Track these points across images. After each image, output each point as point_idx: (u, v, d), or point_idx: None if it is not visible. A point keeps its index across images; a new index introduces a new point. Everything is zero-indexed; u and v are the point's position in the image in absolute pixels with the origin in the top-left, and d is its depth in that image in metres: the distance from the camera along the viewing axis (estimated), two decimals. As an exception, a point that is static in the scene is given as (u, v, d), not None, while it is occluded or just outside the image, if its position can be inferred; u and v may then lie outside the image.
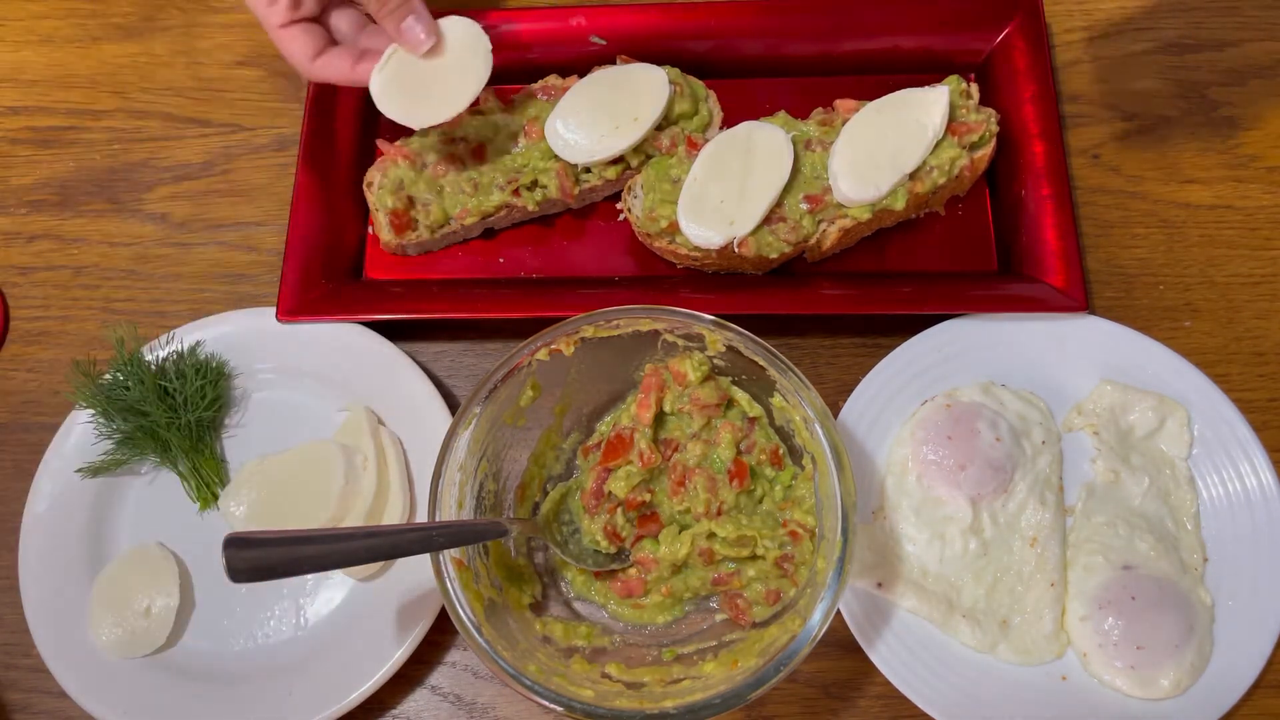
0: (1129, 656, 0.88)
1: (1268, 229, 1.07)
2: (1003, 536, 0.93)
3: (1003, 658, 0.90)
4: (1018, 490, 0.93)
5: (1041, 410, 0.97)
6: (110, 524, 1.01)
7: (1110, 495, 0.95)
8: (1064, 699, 0.89)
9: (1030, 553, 0.92)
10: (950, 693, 0.88)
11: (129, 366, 1.01)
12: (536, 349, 0.86)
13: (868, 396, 0.97)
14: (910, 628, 0.90)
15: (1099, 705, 0.88)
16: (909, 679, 0.88)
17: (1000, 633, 0.90)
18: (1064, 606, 0.91)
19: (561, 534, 0.92)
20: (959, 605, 0.91)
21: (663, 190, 1.02)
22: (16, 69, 1.25)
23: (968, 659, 0.90)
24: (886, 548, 0.93)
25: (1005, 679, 0.89)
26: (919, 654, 0.89)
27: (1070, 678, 0.90)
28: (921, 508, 0.94)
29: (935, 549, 0.93)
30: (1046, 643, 0.90)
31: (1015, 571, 0.92)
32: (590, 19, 1.12)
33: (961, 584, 0.92)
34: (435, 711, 0.95)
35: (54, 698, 0.97)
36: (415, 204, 1.07)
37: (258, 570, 0.71)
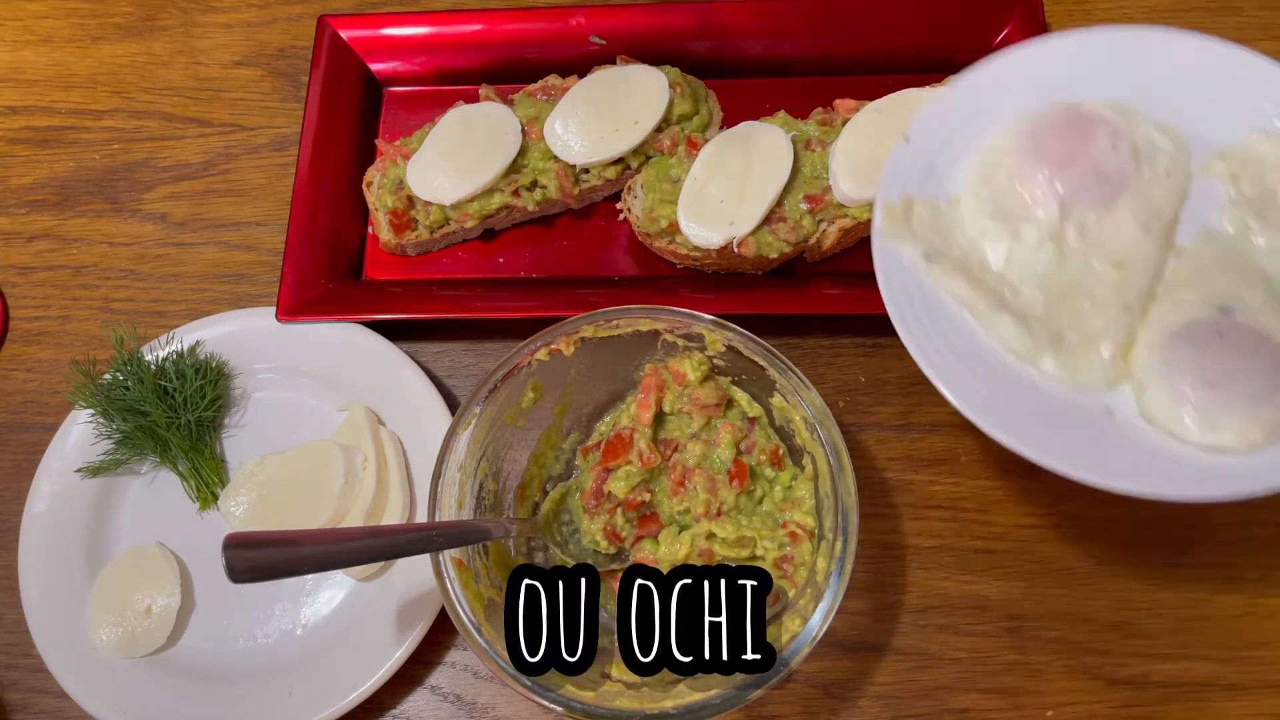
0: (1196, 392, 0.74)
1: (1268, 229, 1.07)
2: (1085, 253, 0.81)
3: (1044, 371, 0.78)
4: (1120, 209, 0.81)
5: (1176, 143, 0.84)
6: (110, 524, 1.01)
7: (1232, 245, 0.81)
8: (1102, 433, 0.76)
9: (1112, 274, 0.80)
10: (976, 385, 0.77)
11: (128, 366, 1.01)
12: (536, 349, 0.86)
13: (980, 81, 0.86)
14: (948, 314, 0.79)
15: (1140, 445, 0.75)
16: (933, 358, 0.77)
17: (1049, 344, 0.78)
18: (1133, 338, 0.79)
19: (561, 534, 0.92)
20: (1010, 304, 0.79)
21: (663, 190, 1.02)
22: (16, 69, 1.26)
23: (1004, 364, 0.78)
24: (950, 231, 0.83)
25: (1040, 394, 0.77)
26: (953, 342, 0.78)
27: (1117, 414, 0.76)
28: (1003, 201, 0.83)
29: (1004, 246, 0.82)
30: (1100, 368, 0.78)
31: (1088, 290, 0.80)
32: (590, 19, 1.12)
33: (1021, 286, 0.80)
34: (435, 711, 0.95)
35: (54, 698, 0.97)
36: (415, 204, 1.07)
37: (258, 570, 0.71)
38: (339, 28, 1.15)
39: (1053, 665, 0.93)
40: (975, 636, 0.94)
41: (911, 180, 0.84)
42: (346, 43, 1.15)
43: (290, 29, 1.25)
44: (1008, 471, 0.99)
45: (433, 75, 1.17)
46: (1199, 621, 0.93)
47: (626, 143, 1.04)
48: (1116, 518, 0.97)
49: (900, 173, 0.84)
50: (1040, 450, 0.74)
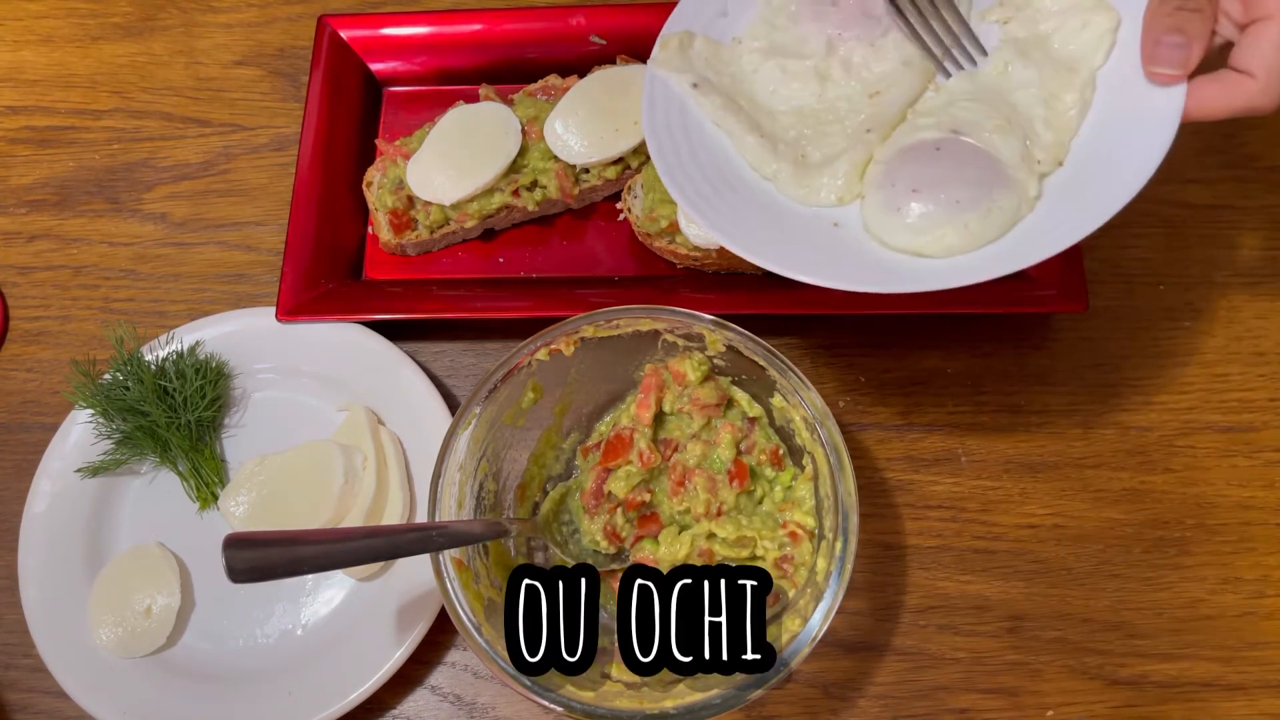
0: (902, 198, 0.79)
1: (1268, 229, 1.07)
2: (846, 83, 0.86)
3: (783, 190, 0.84)
4: (886, 48, 0.86)
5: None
6: (110, 524, 1.01)
7: (988, 81, 0.85)
8: (830, 244, 0.82)
9: (865, 104, 0.85)
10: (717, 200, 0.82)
11: (128, 366, 1.01)
12: (536, 349, 0.86)
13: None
14: (705, 138, 0.85)
15: (861, 254, 0.81)
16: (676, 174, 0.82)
17: (791, 165, 0.84)
18: (870, 157, 0.83)
19: (561, 534, 0.92)
20: (765, 129, 0.85)
21: (662, 190, 1.02)
22: (16, 69, 1.26)
23: (749, 182, 0.84)
24: (724, 68, 0.89)
25: (779, 209, 0.83)
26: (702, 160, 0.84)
27: (841, 225, 0.82)
28: (779, 39, 0.88)
29: (771, 80, 0.87)
30: (830, 184, 0.83)
31: (841, 117, 0.86)
32: (590, 19, 1.12)
33: (780, 117, 0.86)
34: (435, 711, 0.95)
35: (54, 698, 0.97)
36: (415, 204, 1.07)
37: (258, 570, 0.71)
38: (339, 28, 1.15)
39: (1053, 665, 0.93)
40: (975, 636, 0.94)
41: (701, 20, 0.90)
42: (346, 43, 1.15)
43: (290, 29, 1.25)
44: (1008, 471, 1.00)
45: (433, 75, 1.17)
46: (1199, 621, 0.93)
47: (626, 143, 1.04)
48: (1116, 518, 0.97)
49: (691, 12, 0.91)
50: (769, 258, 0.79)
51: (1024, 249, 0.77)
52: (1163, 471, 0.99)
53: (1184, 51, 0.73)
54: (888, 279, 0.78)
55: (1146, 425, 1.00)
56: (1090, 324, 1.04)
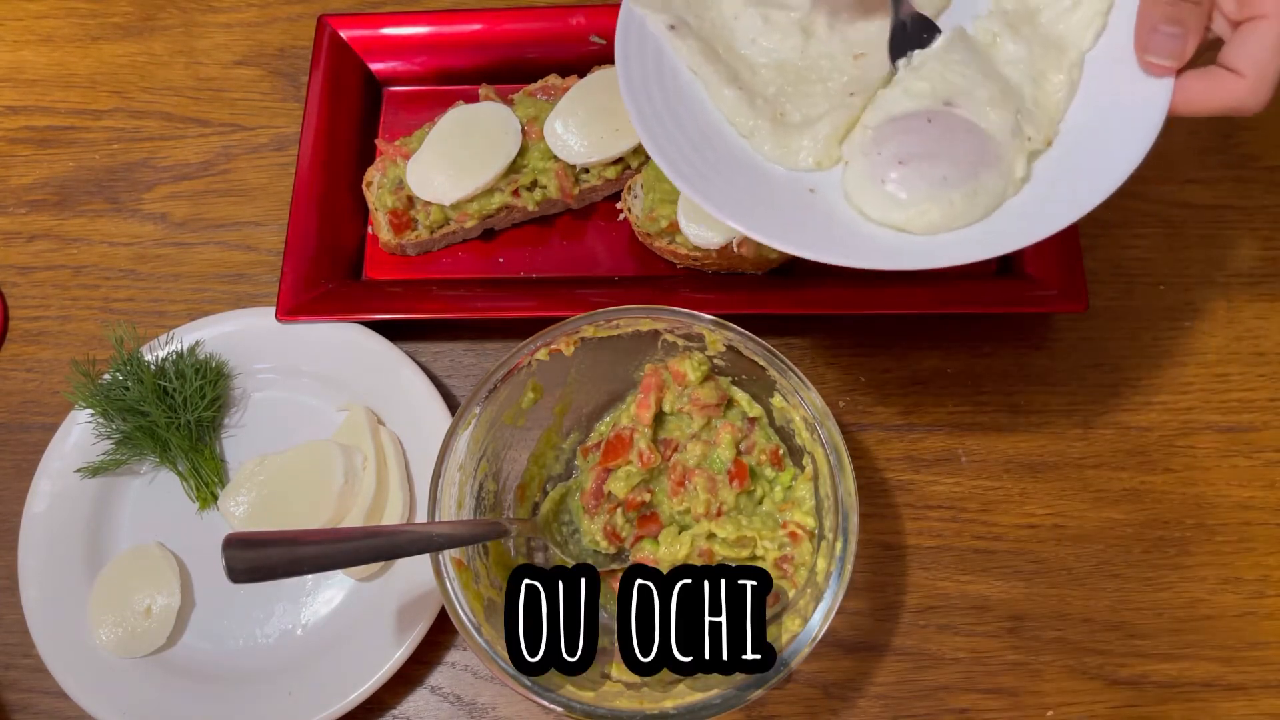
0: (886, 168, 0.76)
1: (1268, 229, 1.07)
2: (829, 42, 0.83)
3: (759, 148, 0.80)
4: (873, 8, 0.83)
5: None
6: (110, 524, 1.01)
7: (977, 51, 0.82)
8: (804, 209, 0.78)
9: (849, 65, 0.82)
10: (692, 156, 0.78)
11: (128, 366, 1.01)
12: (536, 349, 0.86)
13: None
14: (681, 85, 0.81)
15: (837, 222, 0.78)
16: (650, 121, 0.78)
17: (769, 122, 0.80)
18: (852, 124, 0.80)
19: (561, 534, 0.92)
20: (744, 82, 0.82)
21: (663, 190, 1.02)
22: (16, 69, 1.26)
23: (726, 137, 0.80)
24: (705, 11, 0.85)
25: (751, 167, 0.80)
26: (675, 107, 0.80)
27: (818, 191, 0.79)
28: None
29: (752, 27, 0.84)
30: (810, 147, 0.80)
31: (824, 77, 0.83)
32: (590, 19, 1.12)
33: (759, 69, 0.83)
34: (435, 711, 0.95)
35: (54, 698, 0.96)
36: (415, 204, 1.07)
37: (257, 570, 0.71)
38: (339, 28, 1.15)
39: (1053, 665, 0.93)
40: (975, 636, 0.94)
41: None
42: (346, 43, 1.15)
43: (290, 29, 1.25)
44: (1008, 471, 1.00)
45: (433, 75, 1.17)
46: (1199, 621, 0.93)
47: (626, 143, 1.04)
48: (1116, 518, 0.97)
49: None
50: (739, 218, 0.74)
51: (1004, 235, 0.75)
52: (1163, 471, 0.99)
53: (1180, 42, 0.72)
54: (861, 253, 0.74)
55: (1146, 425, 1.00)
56: (1090, 324, 1.04)
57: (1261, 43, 0.69)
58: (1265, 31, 0.69)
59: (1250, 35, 0.70)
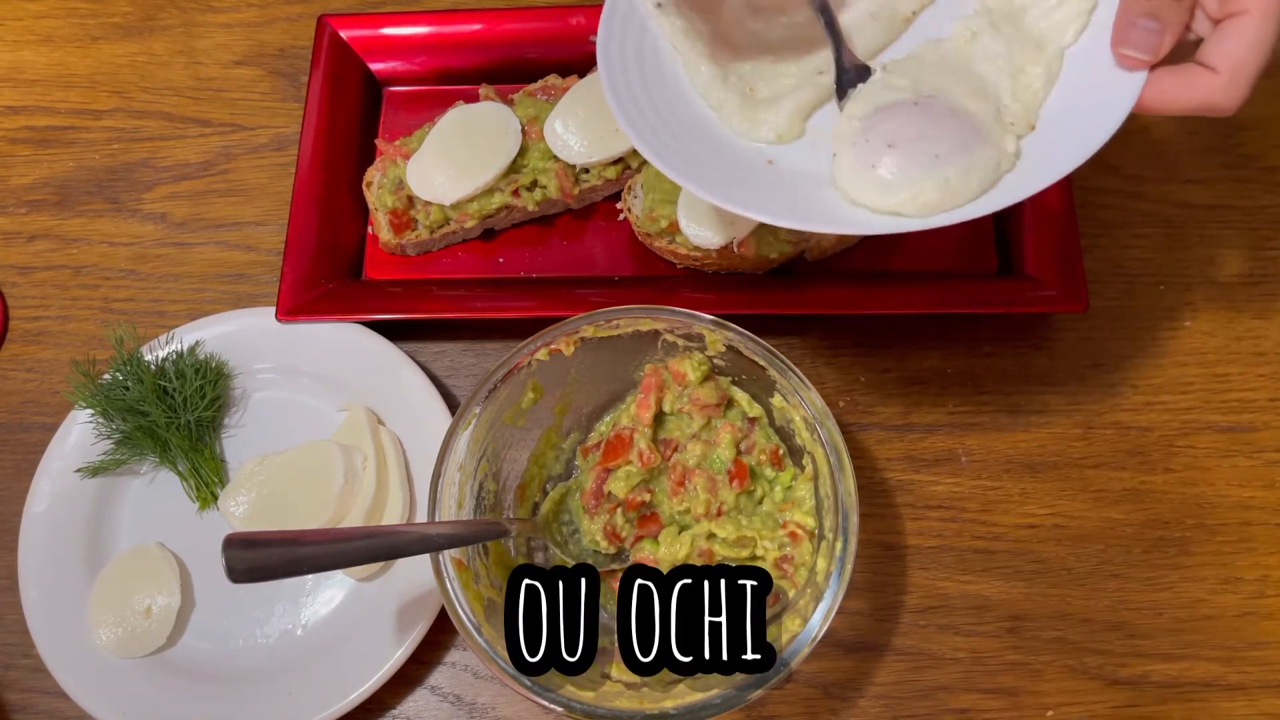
0: (875, 153, 0.75)
1: (1268, 229, 1.07)
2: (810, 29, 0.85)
3: (726, 121, 0.83)
4: (857, 3, 0.85)
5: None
6: (110, 524, 1.01)
7: (956, 50, 0.83)
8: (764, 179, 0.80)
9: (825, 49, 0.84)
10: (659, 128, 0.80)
11: (128, 366, 1.01)
12: (536, 349, 0.86)
13: None
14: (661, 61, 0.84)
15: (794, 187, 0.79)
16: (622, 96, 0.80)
17: (738, 97, 0.83)
18: (819, 99, 0.83)
19: (561, 534, 0.92)
20: (722, 62, 0.84)
21: (663, 190, 1.02)
22: (16, 69, 1.26)
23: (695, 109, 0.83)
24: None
25: (716, 139, 0.82)
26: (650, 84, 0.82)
27: (776, 163, 0.81)
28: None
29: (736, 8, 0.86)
30: (772, 121, 0.82)
31: (799, 59, 0.85)
32: (590, 19, 1.12)
33: (743, 50, 0.85)
34: (435, 711, 0.95)
35: (54, 698, 0.97)
36: (415, 204, 1.07)
37: (257, 570, 0.71)
38: (339, 28, 1.15)
39: (1053, 665, 0.93)
40: (975, 636, 0.94)
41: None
42: (346, 43, 1.15)
43: (290, 29, 1.25)
44: (1008, 471, 1.00)
45: (433, 75, 1.17)
46: (1199, 621, 0.93)
47: (626, 143, 1.04)
48: (1116, 518, 0.97)
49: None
50: (703, 186, 0.75)
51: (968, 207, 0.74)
52: (1163, 471, 0.99)
53: (1156, 37, 0.70)
54: (819, 218, 0.75)
55: (1146, 425, 1.00)
56: (1090, 324, 1.04)
57: (1240, 39, 0.68)
58: (1245, 27, 0.67)
59: (1229, 31, 0.68)
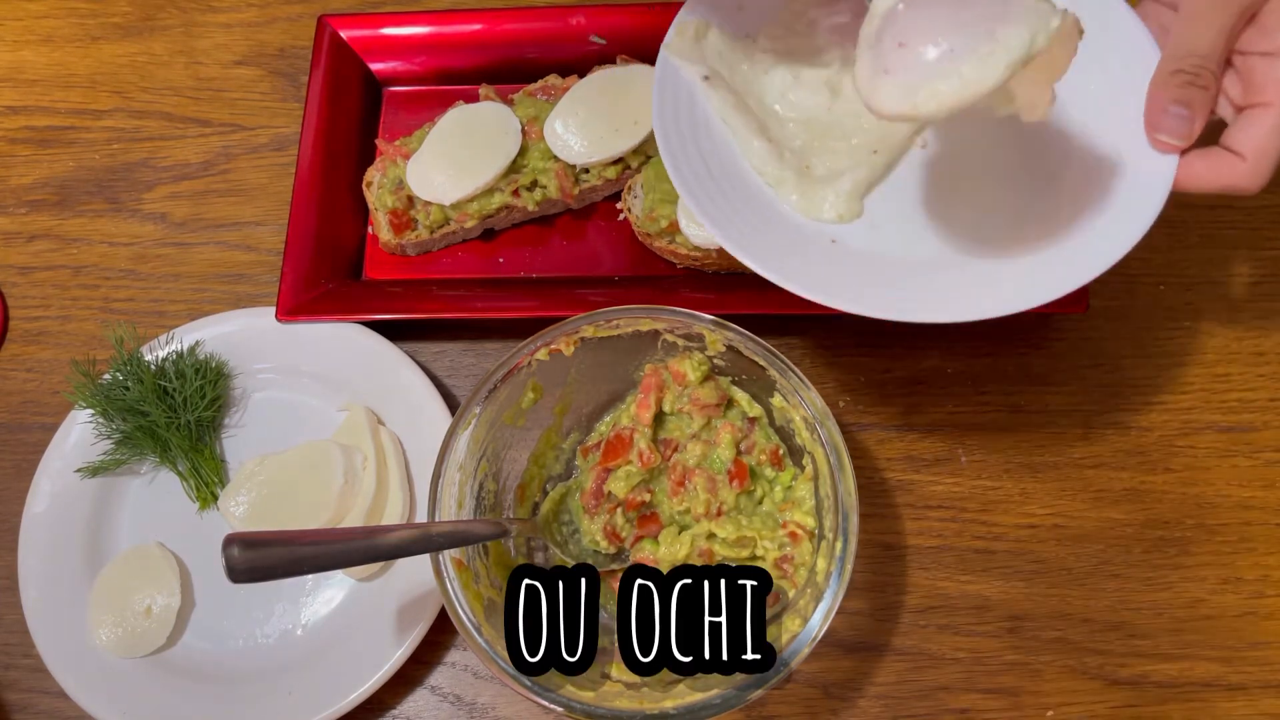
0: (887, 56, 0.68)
1: (1268, 229, 1.07)
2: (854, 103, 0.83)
3: (785, 197, 0.83)
4: None
5: None
6: (110, 524, 1.01)
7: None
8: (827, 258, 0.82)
9: (874, 123, 0.83)
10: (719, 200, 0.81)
11: (128, 366, 1.01)
12: (536, 349, 0.86)
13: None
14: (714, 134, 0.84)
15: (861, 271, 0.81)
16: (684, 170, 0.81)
17: (795, 174, 0.83)
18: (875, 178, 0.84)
19: (561, 534, 0.92)
20: (773, 134, 0.84)
21: (663, 190, 1.02)
22: (16, 69, 1.26)
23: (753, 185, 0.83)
24: (738, 63, 0.87)
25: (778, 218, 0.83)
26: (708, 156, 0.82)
27: (839, 242, 0.82)
28: (795, 44, 0.87)
29: (784, 86, 0.86)
30: (833, 200, 0.83)
31: (848, 134, 0.86)
32: (590, 19, 1.12)
33: (789, 124, 0.86)
34: (435, 711, 0.95)
35: (54, 698, 0.97)
36: (415, 204, 1.07)
37: (257, 570, 0.71)
38: (339, 28, 1.15)
39: (1053, 665, 0.93)
40: (975, 636, 0.94)
41: (718, 10, 0.87)
42: (346, 43, 1.15)
43: (290, 29, 1.25)
44: (1008, 471, 1.00)
45: (433, 75, 1.17)
46: (1199, 621, 0.93)
47: (626, 143, 1.04)
48: (1117, 518, 0.97)
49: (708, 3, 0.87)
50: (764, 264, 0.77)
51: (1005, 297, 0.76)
52: (1163, 471, 0.99)
53: (1188, 125, 0.75)
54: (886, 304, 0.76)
55: (1146, 425, 1.00)
56: (1090, 324, 1.04)
57: (1262, 128, 0.73)
58: (1266, 118, 0.73)
59: (1253, 120, 0.74)
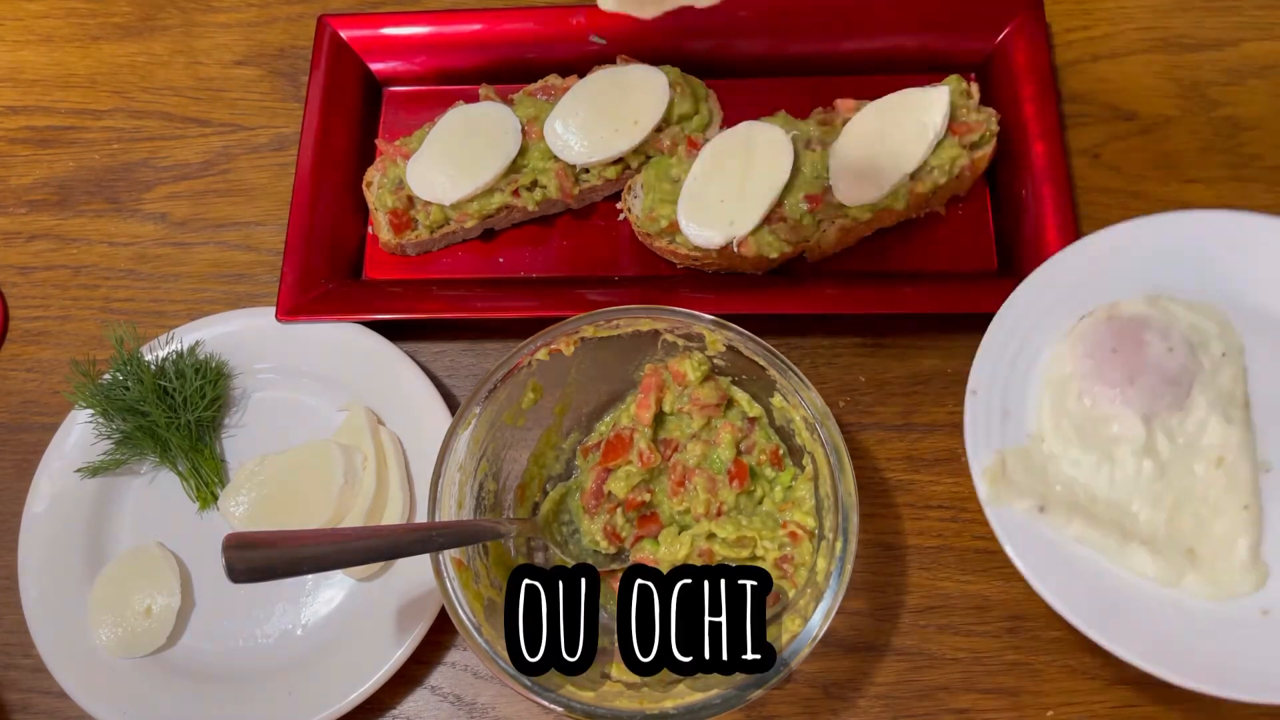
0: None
1: (1268, 229, 1.07)
2: (1182, 457, 0.82)
3: (1190, 592, 0.79)
4: (1197, 406, 0.83)
5: (1219, 320, 0.86)
6: (110, 524, 1.01)
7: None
8: (1268, 635, 0.78)
9: (1216, 474, 0.82)
10: (1135, 630, 0.77)
11: (128, 366, 1.01)
12: (536, 349, 0.86)
13: (1016, 312, 0.88)
14: (1082, 559, 0.80)
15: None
16: (1086, 614, 0.78)
17: (1186, 563, 0.80)
18: (1259, 533, 0.80)
19: (561, 534, 0.92)
20: (1135, 533, 0.81)
21: (663, 190, 1.02)
22: (16, 69, 1.26)
23: (1149, 593, 0.79)
24: (1046, 472, 0.84)
25: (1196, 615, 0.79)
26: (1094, 586, 0.79)
27: (1272, 612, 0.78)
28: (1085, 427, 0.84)
29: (1104, 472, 0.83)
30: (1241, 573, 0.79)
31: (1199, 496, 0.82)
32: (590, 19, 1.12)
33: (1137, 510, 0.82)
34: (435, 711, 0.95)
35: (54, 698, 0.97)
36: (415, 204, 1.07)
37: (257, 570, 0.71)
38: (339, 27, 1.15)
39: (1053, 665, 0.93)
40: (975, 636, 0.94)
41: (993, 433, 0.85)
42: (346, 43, 1.15)
43: (290, 29, 1.25)
44: (1008, 471, 0.99)
45: (433, 75, 1.17)
46: (1199, 621, 0.93)
47: (626, 143, 1.04)
48: (1116, 518, 0.97)
49: (981, 429, 0.85)
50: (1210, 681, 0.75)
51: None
52: (1163, 471, 0.98)
53: None
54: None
55: (1147, 425, 1.00)
56: (1090, 324, 1.04)
57: None
58: None
59: None
